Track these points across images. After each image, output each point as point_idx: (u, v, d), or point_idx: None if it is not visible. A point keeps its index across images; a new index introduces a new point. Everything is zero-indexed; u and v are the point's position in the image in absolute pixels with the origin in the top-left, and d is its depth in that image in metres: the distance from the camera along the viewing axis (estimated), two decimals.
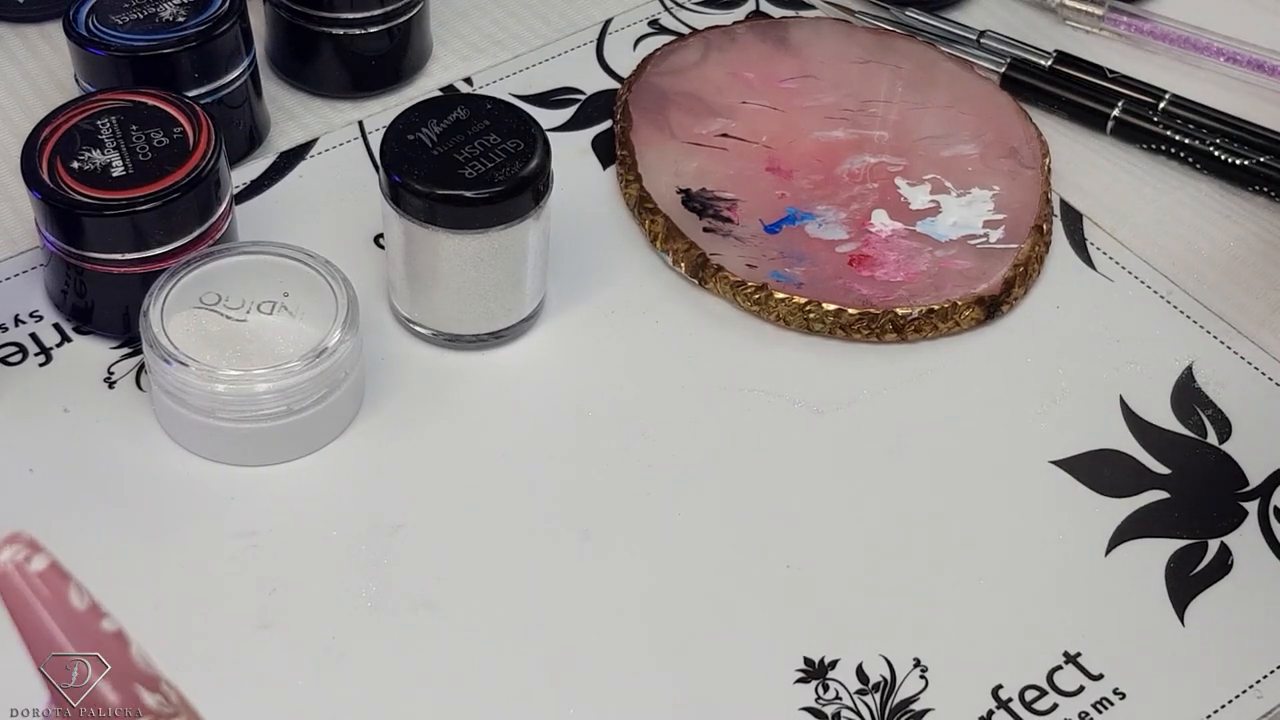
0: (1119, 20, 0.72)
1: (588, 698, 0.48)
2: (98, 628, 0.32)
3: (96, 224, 0.54)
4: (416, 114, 0.55)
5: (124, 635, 0.33)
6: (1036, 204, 0.63)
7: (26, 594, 0.31)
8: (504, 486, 0.54)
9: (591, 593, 0.51)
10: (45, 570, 0.32)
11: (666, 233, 0.61)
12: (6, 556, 0.31)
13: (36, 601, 0.31)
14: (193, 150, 0.55)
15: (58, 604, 0.32)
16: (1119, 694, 0.49)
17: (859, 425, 0.56)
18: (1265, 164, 0.64)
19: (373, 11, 0.64)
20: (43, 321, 0.58)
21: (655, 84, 0.66)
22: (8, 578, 0.31)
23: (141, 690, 0.33)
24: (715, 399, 0.57)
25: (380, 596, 0.50)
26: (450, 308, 0.56)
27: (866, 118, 0.66)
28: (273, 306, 0.54)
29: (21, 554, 0.32)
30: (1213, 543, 0.53)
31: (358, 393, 0.55)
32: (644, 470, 0.54)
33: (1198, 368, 0.59)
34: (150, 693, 0.33)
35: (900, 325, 0.58)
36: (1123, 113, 0.67)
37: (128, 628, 0.34)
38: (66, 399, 0.55)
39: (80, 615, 0.32)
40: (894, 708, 0.49)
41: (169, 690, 0.34)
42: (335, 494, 0.53)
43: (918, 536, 0.53)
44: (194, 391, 0.52)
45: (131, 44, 0.59)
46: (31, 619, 0.32)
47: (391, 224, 0.55)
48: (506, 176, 0.53)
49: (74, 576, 0.32)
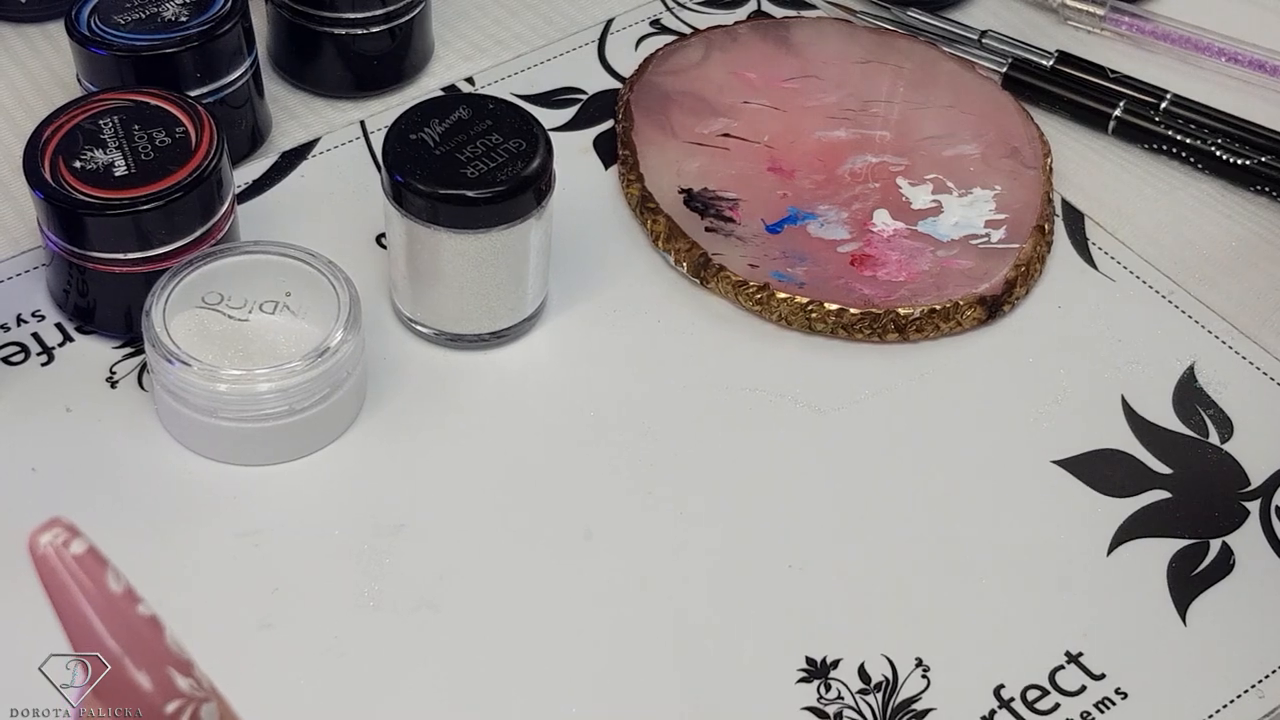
0: (1120, 20, 0.72)
1: (589, 697, 0.48)
2: (133, 612, 0.33)
3: (99, 223, 0.54)
4: (419, 113, 0.55)
5: (158, 621, 0.33)
6: (1038, 204, 0.63)
7: (65, 578, 0.32)
8: (506, 485, 0.54)
9: (593, 592, 0.51)
10: (83, 554, 0.32)
11: (668, 232, 0.61)
12: (46, 540, 0.32)
13: (74, 585, 0.32)
14: (195, 150, 0.55)
15: (95, 588, 0.32)
16: (1121, 694, 0.49)
17: (861, 425, 0.56)
18: (1266, 164, 0.64)
19: (374, 11, 0.64)
20: (45, 321, 0.58)
21: (657, 84, 0.66)
22: (47, 561, 0.32)
23: (175, 674, 0.33)
24: (717, 399, 0.57)
25: (382, 595, 0.50)
26: (452, 307, 0.56)
27: (868, 117, 0.66)
28: (275, 306, 0.54)
29: (61, 538, 0.32)
30: (1214, 542, 0.53)
31: (360, 392, 0.55)
32: (646, 470, 0.54)
33: (1199, 367, 0.59)
34: (183, 677, 0.33)
35: (902, 325, 0.58)
36: (1124, 113, 0.67)
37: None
38: (69, 399, 0.55)
39: (116, 599, 0.32)
40: (896, 707, 0.49)
41: (201, 676, 0.34)
42: (337, 493, 0.53)
43: (919, 536, 0.53)
44: (196, 391, 0.52)
45: (134, 44, 0.59)
46: (69, 602, 0.32)
47: (394, 223, 0.55)
48: (509, 176, 0.53)
49: (111, 561, 0.32)
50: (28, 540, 0.32)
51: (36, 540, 0.32)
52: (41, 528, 0.32)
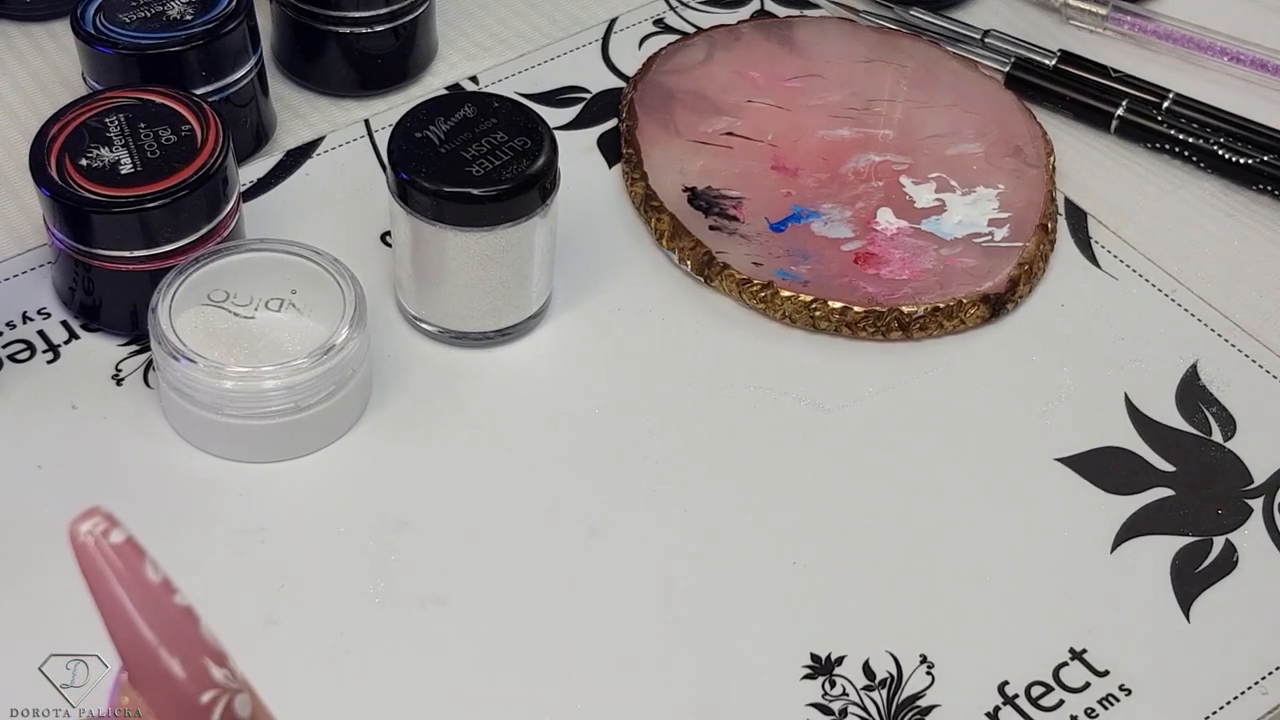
0: (1123, 20, 0.72)
1: (595, 693, 0.49)
2: (170, 602, 0.33)
3: (105, 221, 0.54)
4: (424, 111, 0.56)
5: (193, 612, 0.33)
6: (1041, 202, 0.63)
7: (104, 567, 0.32)
8: (511, 483, 0.54)
9: (598, 589, 0.51)
10: (122, 544, 0.32)
11: (672, 231, 0.61)
12: (86, 529, 0.32)
13: (112, 575, 0.32)
14: (200, 148, 0.55)
15: (133, 578, 0.32)
16: (1125, 690, 0.50)
17: (864, 423, 0.56)
18: (1268, 163, 0.65)
19: (379, 10, 0.64)
20: (51, 319, 0.58)
21: (661, 82, 0.67)
22: (86, 550, 0.32)
23: (210, 664, 0.33)
24: (721, 396, 0.57)
25: (388, 592, 0.50)
26: (457, 305, 0.56)
27: (871, 116, 0.66)
28: (280, 304, 0.54)
29: (100, 527, 0.32)
30: (1218, 540, 0.53)
31: (365, 390, 0.55)
32: (650, 467, 0.55)
33: (1202, 365, 0.59)
34: (218, 668, 0.34)
35: (905, 323, 0.58)
36: (1127, 112, 0.67)
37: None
38: (74, 396, 0.55)
39: (154, 589, 0.33)
40: (900, 704, 0.49)
41: (235, 668, 0.34)
42: (343, 490, 0.53)
43: (923, 533, 0.53)
44: (202, 388, 0.52)
45: (139, 42, 0.59)
46: (108, 592, 0.32)
47: (399, 221, 0.55)
48: (513, 174, 0.54)
49: (149, 552, 0.33)
50: (68, 529, 0.32)
51: (76, 529, 0.32)
52: (81, 516, 0.32)
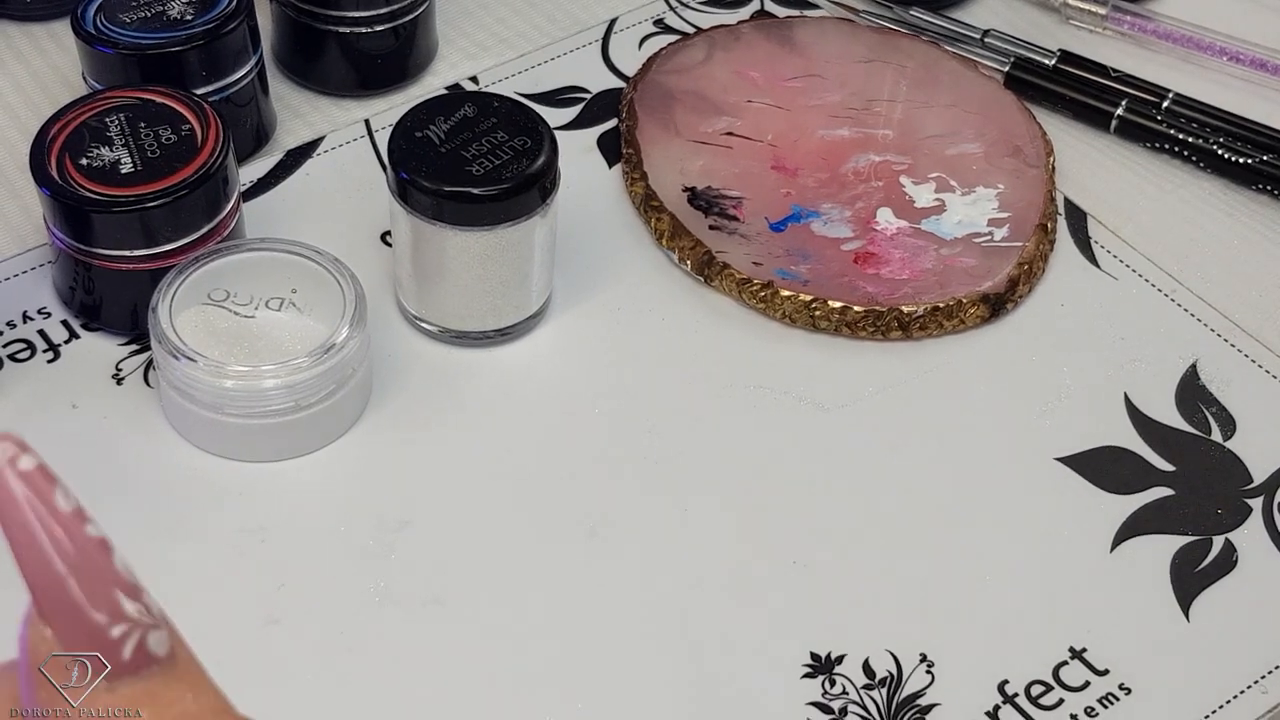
0: (1122, 20, 0.72)
1: (595, 692, 0.49)
2: (81, 532, 0.32)
3: (105, 220, 0.54)
4: (425, 111, 0.56)
5: (107, 543, 0.32)
6: (1041, 202, 0.63)
7: (14, 491, 0.31)
8: (511, 482, 0.54)
9: (598, 588, 0.51)
10: (32, 471, 0.31)
11: (672, 230, 0.61)
12: None
13: (22, 500, 0.31)
14: (201, 147, 0.55)
15: (44, 504, 0.31)
16: (1124, 689, 0.50)
17: (864, 422, 0.56)
18: (1268, 162, 0.65)
19: (379, 10, 0.64)
20: (51, 318, 0.58)
21: (660, 83, 0.67)
22: None
23: (122, 597, 0.32)
24: (721, 396, 0.57)
25: (388, 591, 0.50)
26: (457, 304, 0.56)
27: (871, 116, 0.66)
28: (280, 303, 0.54)
29: (9, 453, 0.31)
30: (1217, 539, 0.54)
31: (365, 389, 0.55)
32: (650, 467, 0.55)
33: (1202, 365, 0.59)
34: (131, 601, 0.32)
35: (905, 323, 0.59)
36: (1126, 111, 0.67)
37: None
38: (75, 395, 0.55)
39: (65, 517, 0.31)
40: (900, 702, 0.49)
41: (151, 602, 0.33)
42: (343, 490, 0.53)
43: (923, 533, 0.53)
44: (202, 387, 0.52)
45: (139, 42, 0.59)
46: (17, 517, 0.31)
47: (399, 221, 0.55)
48: (514, 174, 0.54)
49: (61, 479, 0.32)
50: None
51: None
52: None
